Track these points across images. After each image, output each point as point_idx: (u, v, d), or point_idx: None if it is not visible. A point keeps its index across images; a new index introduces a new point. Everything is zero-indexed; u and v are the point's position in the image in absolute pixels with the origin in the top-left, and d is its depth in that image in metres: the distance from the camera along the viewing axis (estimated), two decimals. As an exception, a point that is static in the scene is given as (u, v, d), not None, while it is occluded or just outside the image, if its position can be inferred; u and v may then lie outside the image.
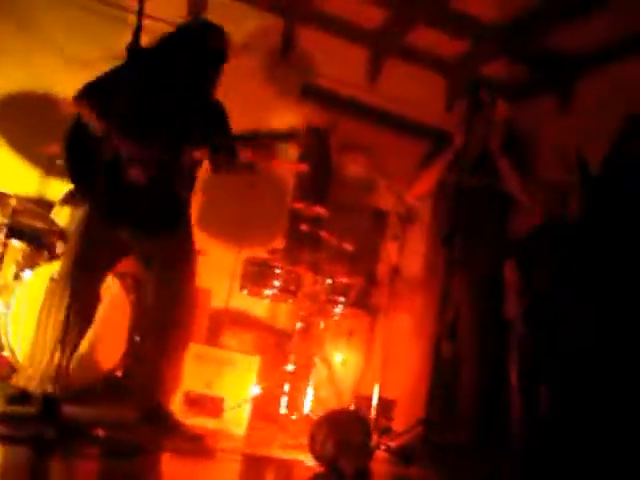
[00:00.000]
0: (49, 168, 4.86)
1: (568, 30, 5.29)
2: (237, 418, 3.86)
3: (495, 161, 4.13)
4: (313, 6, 5.68)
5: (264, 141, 3.56)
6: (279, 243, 5.68)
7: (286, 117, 5.73)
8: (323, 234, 4.80)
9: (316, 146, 5.73)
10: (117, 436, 3.04)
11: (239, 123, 3.79)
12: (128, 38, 3.05)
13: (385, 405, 4.79)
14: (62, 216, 4.47)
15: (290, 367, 4.63)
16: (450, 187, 4.00)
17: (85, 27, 5.31)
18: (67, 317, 3.04)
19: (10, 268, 4.28)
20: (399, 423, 4.05)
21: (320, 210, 4.74)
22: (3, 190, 4.29)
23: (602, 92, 5.38)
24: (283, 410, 4.51)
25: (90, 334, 3.65)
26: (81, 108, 3.31)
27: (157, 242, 3.46)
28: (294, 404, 4.62)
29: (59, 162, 3.88)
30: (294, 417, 4.49)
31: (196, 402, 3.85)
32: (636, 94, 4.99)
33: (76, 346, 3.34)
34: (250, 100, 5.48)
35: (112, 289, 4.04)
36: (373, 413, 4.40)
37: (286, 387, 4.59)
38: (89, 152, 3.25)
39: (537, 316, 4.09)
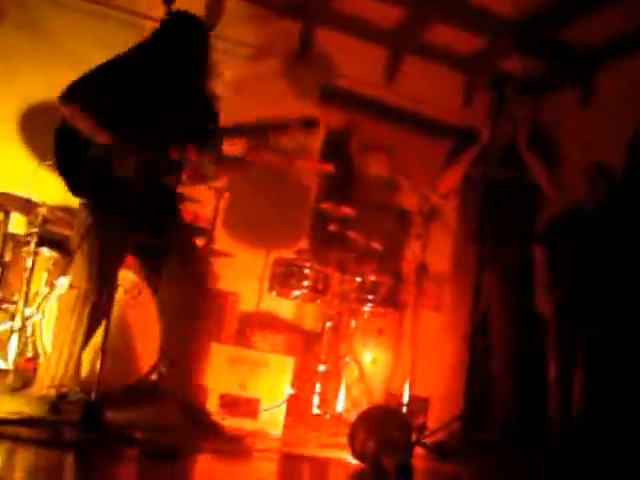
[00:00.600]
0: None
1: (585, 23, 5.29)
2: (273, 419, 3.86)
3: (522, 155, 4.12)
4: (330, 7, 5.71)
5: (272, 130, 3.41)
6: (303, 243, 5.69)
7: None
8: (351, 233, 4.80)
9: (338, 146, 5.76)
10: (156, 438, 3.06)
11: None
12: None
13: (417, 403, 4.80)
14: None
15: (321, 367, 4.64)
16: (477, 181, 3.99)
17: (102, 35, 5.33)
18: (82, 319, 3.18)
19: (41, 276, 4.31)
20: (434, 420, 4.04)
21: (347, 210, 4.75)
22: (32, 198, 4.33)
23: (624, 84, 5.37)
24: (316, 410, 4.51)
25: (124, 337, 3.68)
26: (66, 110, 3.29)
27: (159, 239, 3.41)
28: (326, 404, 4.63)
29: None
30: (328, 417, 4.48)
31: (231, 404, 3.85)
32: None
33: (85, 345, 3.32)
34: (269, 102, 5.48)
35: (142, 292, 4.04)
36: (405, 410, 4.41)
37: (318, 387, 4.60)
38: (79, 150, 3.25)
39: (570, 309, 4.10)
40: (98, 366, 2.96)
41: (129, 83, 3.31)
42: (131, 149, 3.20)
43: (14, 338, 4.00)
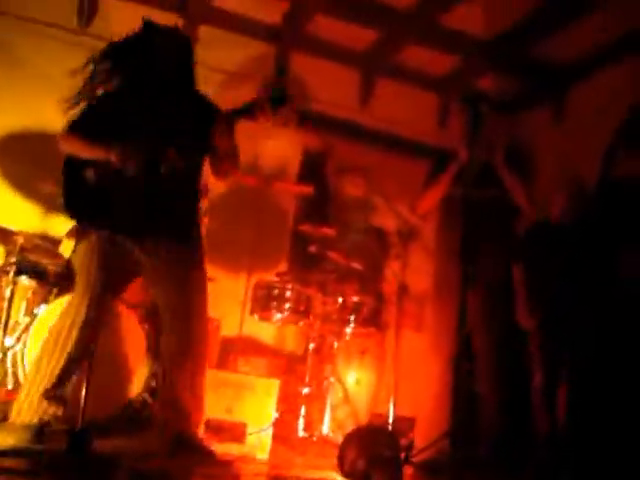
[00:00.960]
0: (51, 203, 4.86)
1: (555, 40, 5.39)
2: (260, 443, 3.84)
3: (499, 173, 4.17)
4: (304, 31, 5.75)
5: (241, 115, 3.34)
6: (283, 266, 5.69)
7: (282, 143, 5.78)
8: (331, 254, 4.81)
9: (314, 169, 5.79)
10: (144, 465, 3.02)
11: None
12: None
13: (402, 422, 4.80)
14: (69, 250, 4.46)
15: (306, 389, 4.62)
16: (457, 201, 4.01)
17: (78, 62, 5.33)
18: (71, 346, 3.16)
19: (20, 305, 4.26)
20: (421, 438, 4.03)
21: (328, 231, 4.76)
22: (9, 227, 4.29)
23: (595, 99, 5.48)
24: (301, 433, 4.49)
25: (108, 365, 3.64)
26: (67, 145, 3.33)
27: (165, 256, 3.35)
28: (312, 426, 4.61)
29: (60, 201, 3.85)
30: (314, 439, 4.46)
31: (218, 428, 3.81)
32: (628, 97, 5.09)
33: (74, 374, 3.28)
34: (244, 128, 5.52)
35: (127, 320, 4.02)
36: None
37: (302, 410, 4.58)
38: (85, 180, 3.26)
39: (549, 322, 4.13)
40: (83, 394, 2.94)
41: (113, 97, 3.37)
42: (133, 149, 3.20)
43: (-6, 369, 3.94)
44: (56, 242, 4.61)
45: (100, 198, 3.25)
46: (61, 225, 4.75)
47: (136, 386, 4.11)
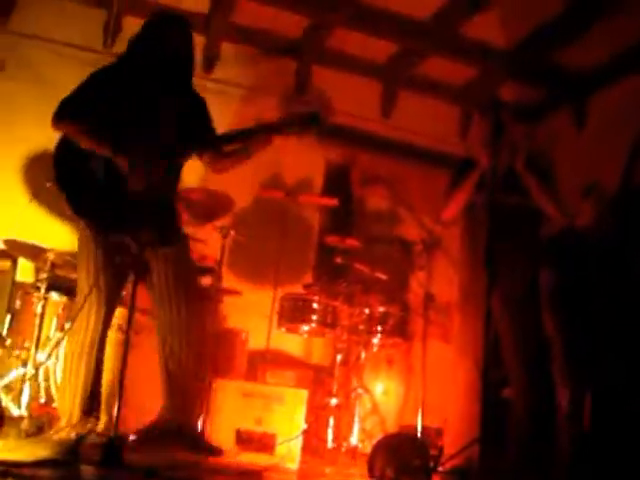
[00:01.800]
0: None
1: (575, 47, 5.40)
2: (289, 453, 3.86)
3: (522, 180, 4.17)
4: (324, 45, 5.81)
5: (274, 130, 3.29)
6: (309, 277, 5.73)
7: (305, 156, 5.83)
8: (357, 265, 4.84)
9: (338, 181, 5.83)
10: (176, 476, 3.05)
11: (258, 163, 3.77)
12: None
13: (429, 433, 4.80)
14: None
15: (334, 400, 4.64)
16: (481, 208, 4.02)
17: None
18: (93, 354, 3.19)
19: (52, 321, 4.33)
20: (450, 446, 4.02)
21: (353, 242, 4.79)
22: (40, 244, 4.37)
23: (616, 106, 5.47)
24: (330, 444, 4.50)
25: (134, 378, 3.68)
26: (63, 127, 3.24)
27: (162, 255, 3.33)
28: (340, 437, 4.62)
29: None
30: (343, 449, 4.47)
31: (247, 439, 3.85)
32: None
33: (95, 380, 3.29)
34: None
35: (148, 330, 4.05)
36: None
37: (331, 421, 4.59)
38: (80, 168, 3.21)
39: (575, 333, 4.12)
40: (115, 406, 2.97)
41: (117, 91, 3.27)
42: (139, 160, 3.13)
43: (27, 384, 4.01)
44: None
45: (100, 195, 3.19)
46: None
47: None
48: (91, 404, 3.23)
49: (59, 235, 4.98)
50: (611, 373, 4.04)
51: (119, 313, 3.67)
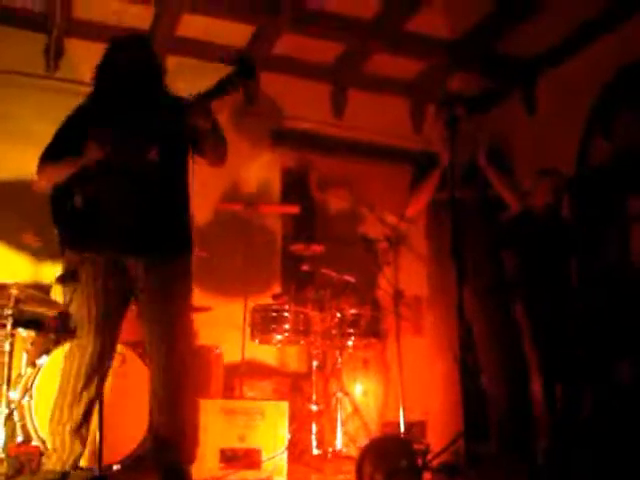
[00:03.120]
0: (38, 252, 4.86)
1: (519, 33, 5.47)
2: (276, 466, 3.83)
3: (484, 173, 4.20)
4: (269, 51, 5.78)
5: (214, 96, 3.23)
6: (277, 286, 5.71)
7: (261, 165, 5.82)
8: (324, 271, 4.84)
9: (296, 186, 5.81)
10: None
11: (216, 177, 3.69)
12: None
13: (413, 427, 4.82)
14: (60, 295, 4.44)
15: (314, 407, 4.63)
16: (445, 204, 4.04)
17: (50, 106, 5.33)
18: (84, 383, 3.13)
19: (21, 357, 4.24)
20: (435, 441, 4.05)
21: (318, 248, 4.79)
22: (1, 281, 4.27)
23: (562, 87, 5.56)
24: (315, 450, 4.50)
25: (118, 406, 3.63)
26: (43, 176, 3.28)
27: (155, 276, 3.29)
28: (324, 442, 4.62)
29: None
30: (329, 455, 4.47)
31: (232, 458, 3.82)
32: (598, 81, 5.17)
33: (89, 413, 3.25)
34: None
35: (130, 359, 4.01)
36: (404, 436, 4.42)
37: (313, 427, 4.59)
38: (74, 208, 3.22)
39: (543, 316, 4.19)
40: (97, 438, 2.93)
41: (85, 120, 3.31)
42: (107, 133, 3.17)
43: (1, 425, 3.92)
44: (48, 290, 4.59)
45: (91, 222, 3.19)
46: (51, 272, 4.75)
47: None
48: (81, 428, 3.16)
49: (20, 269, 4.90)
50: (580, 356, 4.13)
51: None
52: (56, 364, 3.76)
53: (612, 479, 3.45)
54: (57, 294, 4.49)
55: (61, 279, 4.04)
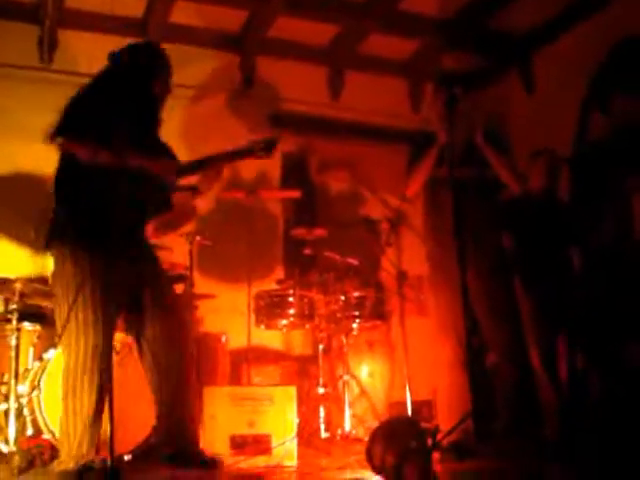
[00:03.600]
0: (38, 245, 4.86)
1: (513, 9, 5.42)
2: (286, 451, 3.85)
3: (481, 151, 4.19)
4: (265, 35, 5.76)
5: (223, 162, 3.41)
6: (280, 271, 5.71)
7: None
8: (327, 254, 4.84)
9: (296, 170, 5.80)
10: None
11: None
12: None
13: (420, 406, 4.85)
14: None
15: (321, 390, 4.65)
16: (443, 183, 4.04)
17: (45, 99, 5.30)
18: (93, 379, 3.09)
19: (28, 351, 4.25)
20: (443, 421, 4.06)
21: (320, 232, 4.79)
22: (4, 275, 4.28)
23: (559, 62, 5.52)
24: (324, 434, 4.52)
25: (123, 399, 3.65)
26: (73, 147, 3.20)
27: (146, 269, 3.36)
28: (333, 425, 4.64)
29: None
30: (338, 437, 4.49)
31: (242, 444, 3.83)
32: (595, 55, 5.11)
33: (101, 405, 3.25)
34: (221, 140, 5.49)
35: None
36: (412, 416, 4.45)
37: (321, 411, 4.61)
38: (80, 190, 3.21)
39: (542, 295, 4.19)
40: (108, 431, 2.93)
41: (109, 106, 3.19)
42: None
43: (12, 418, 3.94)
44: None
45: (108, 216, 3.08)
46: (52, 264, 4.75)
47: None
48: (97, 425, 3.16)
49: (23, 263, 4.90)
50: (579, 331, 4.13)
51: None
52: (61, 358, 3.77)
53: (619, 460, 3.48)
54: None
55: None
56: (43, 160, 4.88)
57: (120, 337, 3.90)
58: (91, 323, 3.16)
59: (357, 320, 4.79)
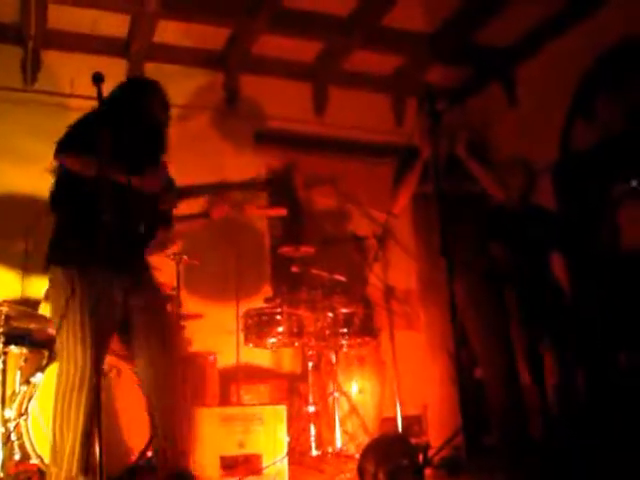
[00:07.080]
0: (26, 267, 4.83)
1: (496, 23, 5.47)
2: (277, 471, 3.82)
3: (465, 165, 4.21)
4: (248, 53, 5.77)
5: (226, 191, 3.50)
6: (267, 289, 5.70)
7: (245, 166, 5.78)
8: (314, 271, 4.83)
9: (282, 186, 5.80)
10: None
11: (200, 181, 3.73)
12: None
13: (411, 421, 4.83)
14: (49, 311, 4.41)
15: (312, 408, 4.63)
16: (429, 198, 4.04)
17: (29, 120, 5.29)
18: (81, 401, 3.07)
19: (15, 374, 4.21)
20: (435, 436, 4.07)
21: (307, 249, 4.78)
22: (-10, 299, 4.24)
23: (541, 75, 5.57)
24: (315, 451, 4.50)
25: (114, 420, 3.61)
26: (64, 160, 3.20)
27: (139, 293, 3.33)
28: (324, 443, 4.62)
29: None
30: (329, 455, 4.47)
31: (233, 464, 3.80)
32: (578, 66, 5.18)
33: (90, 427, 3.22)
34: (207, 157, 5.54)
35: (125, 371, 3.99)
36: (402, 431, 4.43)
37: (312, 428, 4.59)
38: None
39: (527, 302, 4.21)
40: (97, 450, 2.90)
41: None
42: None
43: (-1, 444, 3.89)
44: (36, 305, 4.55)
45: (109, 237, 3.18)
46: (38, 287, 4.71)
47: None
48: (88, 434, 3.13)
49: (9, 286, 4.87)
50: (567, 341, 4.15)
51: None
52: (51, 381, 3.73)
53: (609, 466, 3.47)
54: (46, 310, 4.45)
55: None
56: (27, 180, 4.96)
57: (109, 359, 3.88)
58: (80, 345, 3.14)
59: (346, 337, 4.78)
